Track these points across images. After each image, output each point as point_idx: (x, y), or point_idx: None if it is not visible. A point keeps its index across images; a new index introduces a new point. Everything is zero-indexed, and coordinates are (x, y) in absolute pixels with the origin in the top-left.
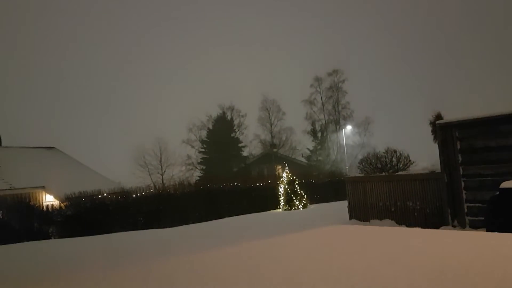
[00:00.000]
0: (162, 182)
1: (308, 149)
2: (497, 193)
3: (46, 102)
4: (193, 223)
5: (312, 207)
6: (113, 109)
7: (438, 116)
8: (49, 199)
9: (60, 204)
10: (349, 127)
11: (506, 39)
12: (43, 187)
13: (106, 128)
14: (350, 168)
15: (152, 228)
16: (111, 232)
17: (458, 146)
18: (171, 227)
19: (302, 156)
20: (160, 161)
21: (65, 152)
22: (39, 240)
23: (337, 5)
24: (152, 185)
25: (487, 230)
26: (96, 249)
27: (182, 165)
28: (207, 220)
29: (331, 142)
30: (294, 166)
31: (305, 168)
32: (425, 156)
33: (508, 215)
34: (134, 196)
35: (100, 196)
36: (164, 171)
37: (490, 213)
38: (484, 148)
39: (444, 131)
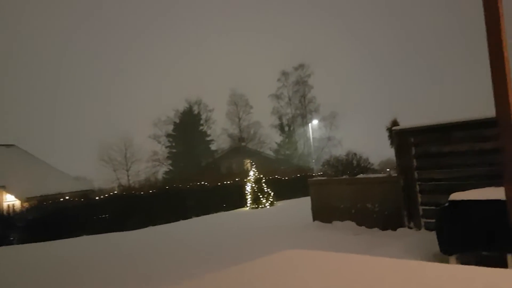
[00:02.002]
0: (128, 178)
1: (276, 142)
2: (446, 204)
3: (5, 98)
4: (159, 224)
5: (279, 204)
6: (76, 105)
7: (394, 123)
8: (9, 199)
9: (21, 204)
10: (315, 121)
11: (472, 45)
12: (3, 187)
13: (69, 124)
14: (317, 161)
15: (116, 231)
16: (75, 236)
17: (413, 152)
18: (137, 229)
19: (270, 150)
20: (125, 157)
21: (26, 149)
22: None
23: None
24: (116, 186)
25: (440, 246)
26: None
27: (148, 160)
28: (173, 221)
29: (298, 135)
30: (262, 160)
31: (273, 162)
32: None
33: (458, 228)
34: (97, 198)
35: (62, 200)
36: (130, 167)
37: (439, 226)
38: (437, 153)
39: (399, 137)
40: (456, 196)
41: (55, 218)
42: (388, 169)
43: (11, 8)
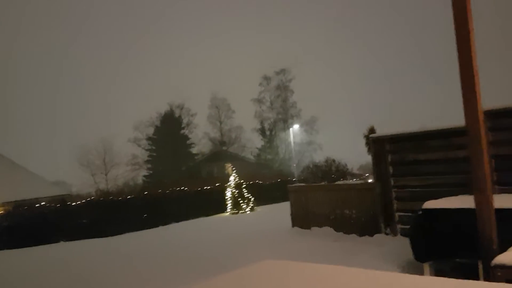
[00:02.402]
0: (106, 182)
1: (257, 148)
2: (420, 212)
3: None
4: (137, 230)
5: (259, 209)
6: (55, 108)
7: (371, 130)
8: None
9: None
10: (296, 126)
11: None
12: None
13: (47, 127)
14: (298, 166)
15: (94, 237)
16: (52, 242)
17: (389, 159)
18: (114, 235)
19: (252, 155)
20: (104, 161)
21: (2, 153)
22: None
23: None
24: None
25: (414, 254)
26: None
27: (128, 164)
28: (152, 227)
29: (280, 140)
30: (244, 165)
31: (254, 166)
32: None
33: (431, 236)
34: (74, 204)
35: (38, 205)
36: (108, 171)
37: (413, 234)
38: (413, 161)
39: (376, 145)
40: (429, 204)
41: (30, 224)
42: (367, 174)
43: None
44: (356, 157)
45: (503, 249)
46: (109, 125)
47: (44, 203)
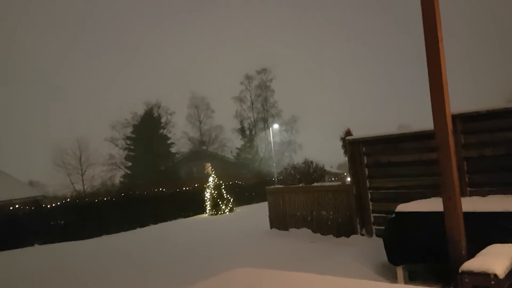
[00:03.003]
0: (83, 183)
1: (237, 148)
2: (393, 216)
3: None
4: (114, 233)
5: (238, 210)
6: (28, 105)
7: (348, 132)
8: None
9: None
10: (276, 126)
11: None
12: None
13: (22, 127)
14: (277, 165)
15: (70, 240)
16: (26, 246)
17: (365, 161)
18: (91, 237)
19: (232, 154)
20: (80, 161)
21: None
22: None
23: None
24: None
25: (388, 257)
26: None
27: (104, 164)
28: (130, 229)
29: (260, 140)
30: (223, 164)
31: (234, 166)
32: None
33: (404, 240)
34: (49, 206)
35: (11, 208)
36: (85, 171)
37: (387, 237)
38: (387, 163)
39: (352, 147)
40: (401, 207)
41: (4, 228)
42: (345, 173)
43: None
44: (335, 156)
45: (473, 253)
46: (84, 124)
47: (18, 205)
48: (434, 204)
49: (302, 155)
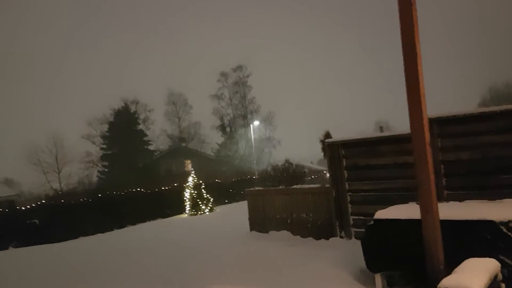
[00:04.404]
0: (59, 181)
1: (217, 143)
2: (371, 223)
3: None
4: (91, 234)
5: (218, 210)
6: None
7: (327, 135)
8: None
9: None
10: (256, 122)
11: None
12: None
13: None
14: (258, 162)
15: (45, 243)
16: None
17: (344, 163)
18: (67, 239)
19: (212, 151)
20: (56, 159)
21: None
22: None
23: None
24: (46, 190)
25: (366, 264)
26: None
27: (81, 162)
28: (107, 230)
29: (239, 136)
30: (203, 161)
31: (214, 162)
32: None
33: (382, 247)
34: (23, 208)
35: None
36: (61, 169)
37: (366, 246)
38: (366, 166)
39: (331, 149)
40: (380, 214)
41: None
42: (325, 170)
43: None
44: (314, 151)
45: (449, 263)
46: (59, 121)
47: None
48: (412, 211)
49: (282, 151)
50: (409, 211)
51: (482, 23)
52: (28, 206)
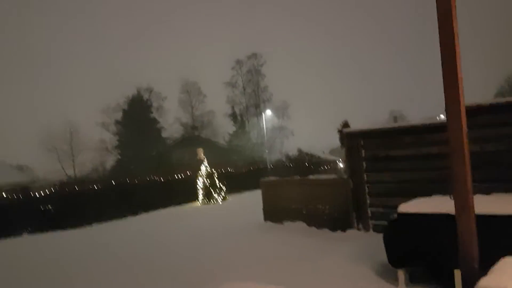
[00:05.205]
0: (74, 168)
1: (229, 133)
2: (395, 216)
3: None
4: (106, 221)
5: (231, 199)
6: (15, 88)
7: (345, 125)
8: None
9: None
10: (268, 111)
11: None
12: None
13: (10, 111)
14: (270, 152)
15: (59, 229)
16: (15, 235)
17: (363, 154)
18: (82, 226)
19: (224, 140)
20: (71, 146)
21: None
22: None
23: None
24: (61, 176)
25: (388, 259)
26: None
27: (96, 149)
28: (121, 217)
29: (252, 126)
30: (216, 150)
31: (226, 152)
32: None
33: (406, 242)
34: (37, 195)
35: None
36: (76, 156)
37: (388, 241)
38: (385, 157)
39: (350, 139)
40: (404, 208)
41: None
42: (339, 160)
43: None
44: (327, 140)
45: (483, 260)
46: (74, 109)
47: (5, 194)
48: (437, 205)
49: (294, 140)
50: (434, 204)
51: (499, 11)
52: (42, 193)
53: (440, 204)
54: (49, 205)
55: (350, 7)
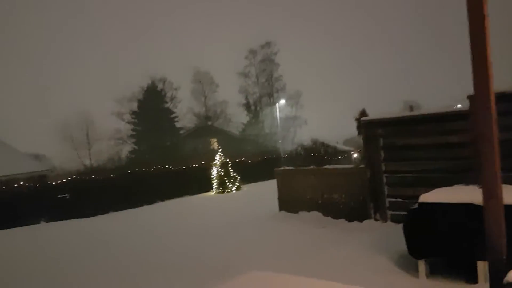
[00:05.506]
0: (90, 157)
1: (242, 123)
2: (416, 206)
3: None
4: (122, 209)
5: (245, 188)
6: (30, 77)
7: (363, 113)
8: None
9: None
10: (282, 101)
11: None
12: None
13: (26, 101)
14: (283, 141)
15: (75, 217)
16: (33, 223)
17: (381, 143)
18: (98, 215)
19: (237, 130)
20: (87, 135)
21: None
22: None
23: None
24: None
25: (408, 250)
26: None
27: (111, 139)
28: (137, 206)
29: (265, 115)
30: (229, 140)
31: (239, 141)
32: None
33: (428, 233)
34: (54, 183)
35: (16, 185)
36: (92, 145)
37: (409, 231)
38: (404, 146)
39: (368, 128)
40: (425, 198)
41: (9, 204)
42: (353, 150)
43: None
44: (340, 130)
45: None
46: (88, 98)
47: (22, 183)
48: (460, 194)
49: (307, 130)
50: (457, 194)
51: None
52: (59, 181)
53: (463, 194)
54: (66, 194)
55: None
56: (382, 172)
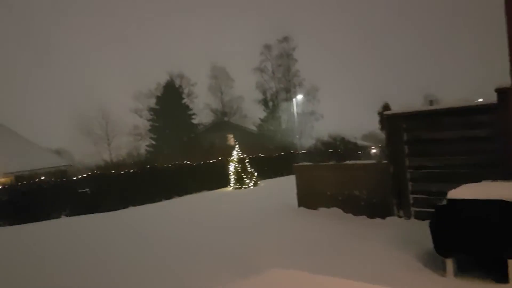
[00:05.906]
0: (110, 152)
1: (259, 118)
2: (444, 203)
3: None
4: (141, 204)
5: (262, 184)
6: (50, 74)
7: (386, 107)
8: None
9: None
10: (300, 96)
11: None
12: None
13: (46, 97)
14: (300, 137)
15: (96, 212)
16: (54, 217)
17: (405, 138)
18: (118, 209)
19: (254, 125)
20: (106, 131)
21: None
22: None
23: None
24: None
25: (436, 248)
26: None
27: (130, 134)
28: (156, 201)
29: (282, 111)
30: (246, 135)
31: (256, 137)
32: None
33: (457, 230)
34: (75, 178)
35: (37, 180)
36: (111, 141)
37: (437, 228)
38: (429, 140)
39: (391, 122)
40: (454, 194)
41: (32, 199)
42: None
43: None
44: (358, 126)
45: None
46: (107, 94)
47: (43, 177)
48: (489, 190)
49: (324, 125)
50: (486, 190)
51: None
52: (79, 176)
53: (492, 190)
54: (86, 188)
55: None
56: (406, 167)
